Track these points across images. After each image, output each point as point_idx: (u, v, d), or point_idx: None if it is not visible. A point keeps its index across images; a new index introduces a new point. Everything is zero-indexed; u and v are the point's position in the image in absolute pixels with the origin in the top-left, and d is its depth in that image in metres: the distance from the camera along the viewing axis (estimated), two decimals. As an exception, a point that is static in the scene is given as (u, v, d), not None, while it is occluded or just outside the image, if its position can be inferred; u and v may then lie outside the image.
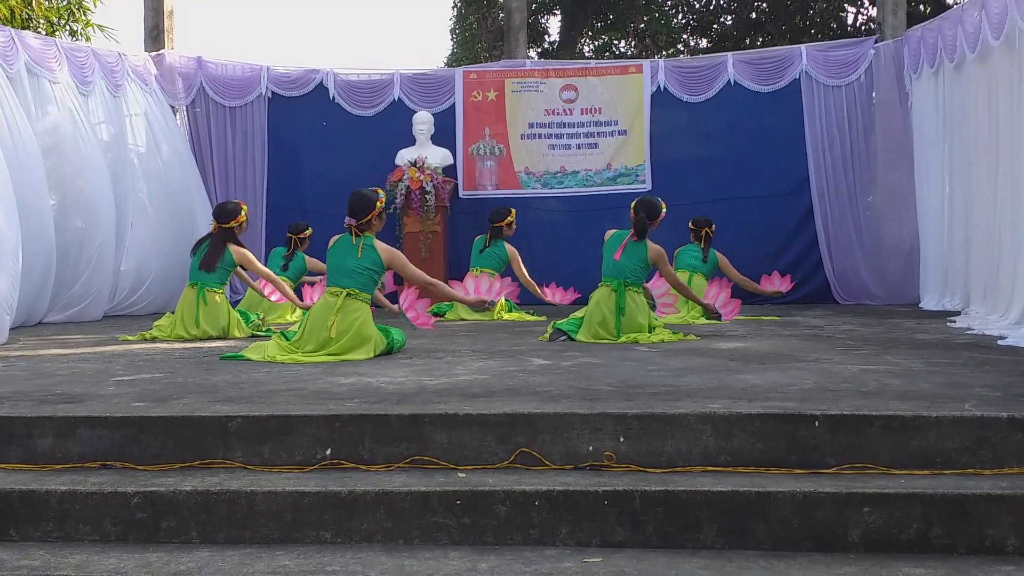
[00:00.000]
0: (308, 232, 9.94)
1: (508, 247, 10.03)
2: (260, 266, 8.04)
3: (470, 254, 10.28)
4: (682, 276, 9.18)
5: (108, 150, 10.39)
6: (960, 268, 9.52)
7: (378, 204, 6.25)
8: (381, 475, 3.73)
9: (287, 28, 47.52)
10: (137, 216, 10.54)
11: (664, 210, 7.51)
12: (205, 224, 11.01)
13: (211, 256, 7.68)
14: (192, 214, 10.92)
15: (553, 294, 10.19)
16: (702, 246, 9.61)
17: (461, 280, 9.96)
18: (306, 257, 9.83)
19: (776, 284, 10.04)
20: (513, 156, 12.00)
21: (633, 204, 7.43)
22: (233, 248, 7.74)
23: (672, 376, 4.93)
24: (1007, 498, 3.38)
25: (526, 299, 10.61)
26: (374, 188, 6.47)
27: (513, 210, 10.33)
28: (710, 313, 7.91)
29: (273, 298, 8.90)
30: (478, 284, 6.57)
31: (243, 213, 7.89)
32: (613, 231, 7.39)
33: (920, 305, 10.44)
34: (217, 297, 7.67)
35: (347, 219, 6.21)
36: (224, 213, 7.87)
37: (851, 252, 11.36)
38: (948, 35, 9.70)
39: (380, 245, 6.24)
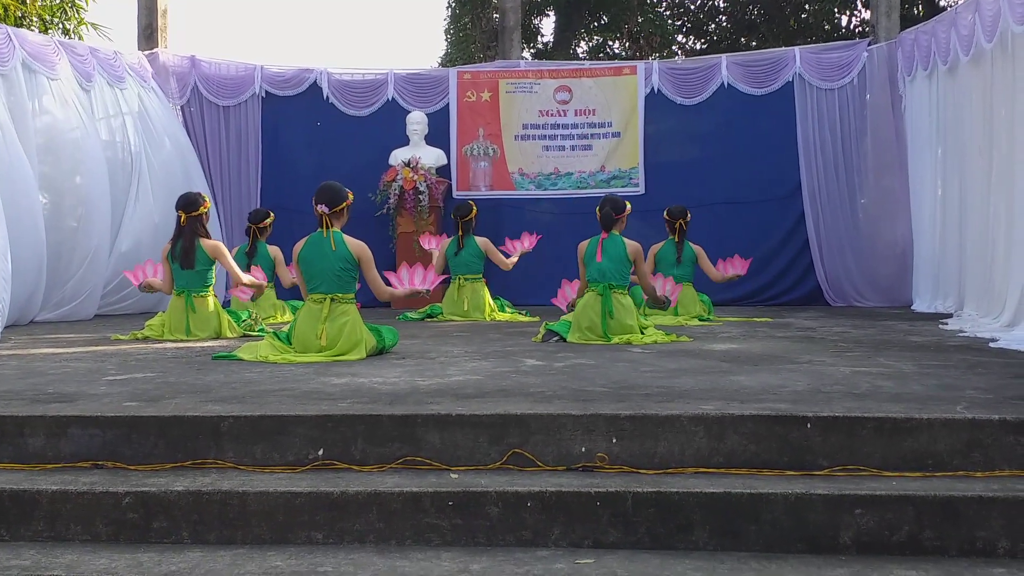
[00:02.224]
0: (270, 220, 9.53)
1: (479, 240, 9.80)
2: (231, 262, 7.88)
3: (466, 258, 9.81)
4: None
5: (108, 148, 10.37)
6: (953, 271, 9.54)
7: (349, 196, 6.27)
8: (373, 475, 3.73)
9: (280, 27, 47.52)
10: (137, 212, 10.51)
11: (629, 207, 7.54)
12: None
13: (186, 252, 7.57)
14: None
15: (519, 244, 9.88)
16: (675, 239, 9.31)
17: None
18: (269, 247, 9.43)
19: (736, 267, 9.61)
20: (507, 157, 12.01)
21: (599, 204, 7.45)
22: (204, 242, 7.63)
23: (665, 377, 4.93)
24: (998, 500, 3.39)
25: (520, 299, 10.62)
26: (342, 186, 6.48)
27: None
28: (656, 303, 7.90)
29: (244, 297, 8.70)
30: (412, 274, 6.47)
31: (207, 201, 7.81)
32: (585, 242, 7.36)
33: (912, 307, 10.47)
34: (206, 301, 7.61)
35: (320, 207, 6.15)
36: (191, 203, 7.69)
37: (843, 254, 11.40)
38: (941, 38, 9.72)
39: (350, 240, 6.20)
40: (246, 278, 8.08)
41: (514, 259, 9.81)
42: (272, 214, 9.67)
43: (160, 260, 7.88)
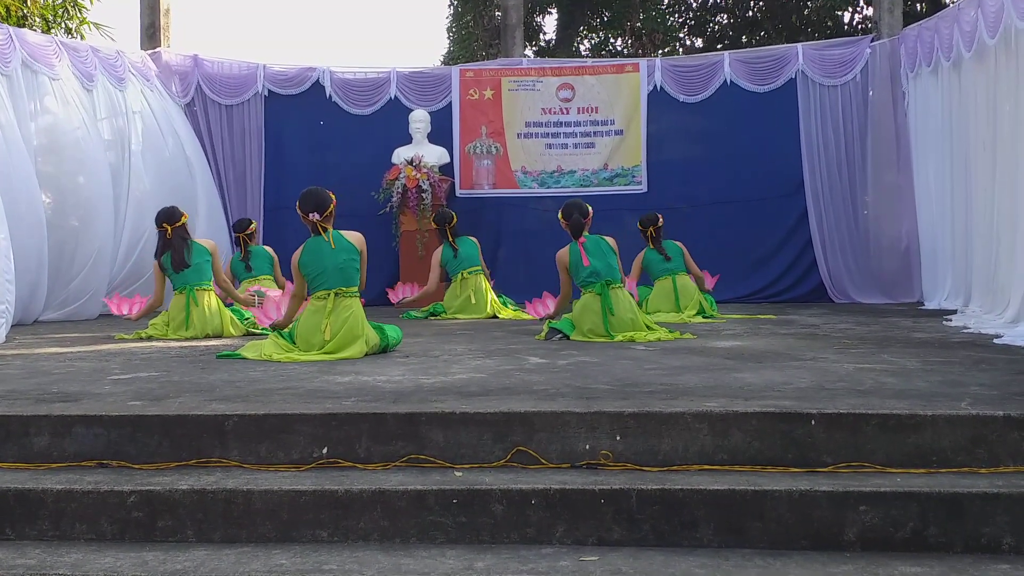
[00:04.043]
0: (253, 227, 9.69)
1: (471, 239, 9.87)
2: (220, 268, 7.99)
3: (465, 253, 9.83)
4: (666, 283, 9.17)
5: (110, 147, 10.38)
6: (960, 267, 9.53)
7: (333, 198, 6.30)
8: (378, 474, 3.73)
9: (283, 26, 47.54)
10: (139, 211, 10.52)
11: (591, 210, 7.47)
12: (208, 220, 10.97)
13: (178, 253, 7.62)
14: (195, 208, 10.77)
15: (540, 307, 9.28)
16: (651, 246, 9.30)
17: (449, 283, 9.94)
18: (265, 248, 9.67)
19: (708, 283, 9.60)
20: (510, 155, 12.00)
21: (560, 212, 7.39)
22: (199, 240, 7.76)
23: (669, 375, 4.93)
24: (1003, 496, 3.39)
25: (522, 298, 10.61)
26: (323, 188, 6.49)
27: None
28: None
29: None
30: (403, 290, 6.58)
31: (185, 214, 7.89)
32: (564, 251, 7.27)
33: (918, 303, 10.46)
34: (207, 296, 7.64)
35: (312, 215, 6.17)
36: (172, 215, 7.78)
37: (846, 251, 11.39)
38: (944, 34, 9.71)
39: (347, 233, 6.26)
40: (240, 295, 8.27)
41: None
42: (255, 221, 9.90)
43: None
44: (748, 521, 3.43)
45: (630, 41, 19.18)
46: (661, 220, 9.40)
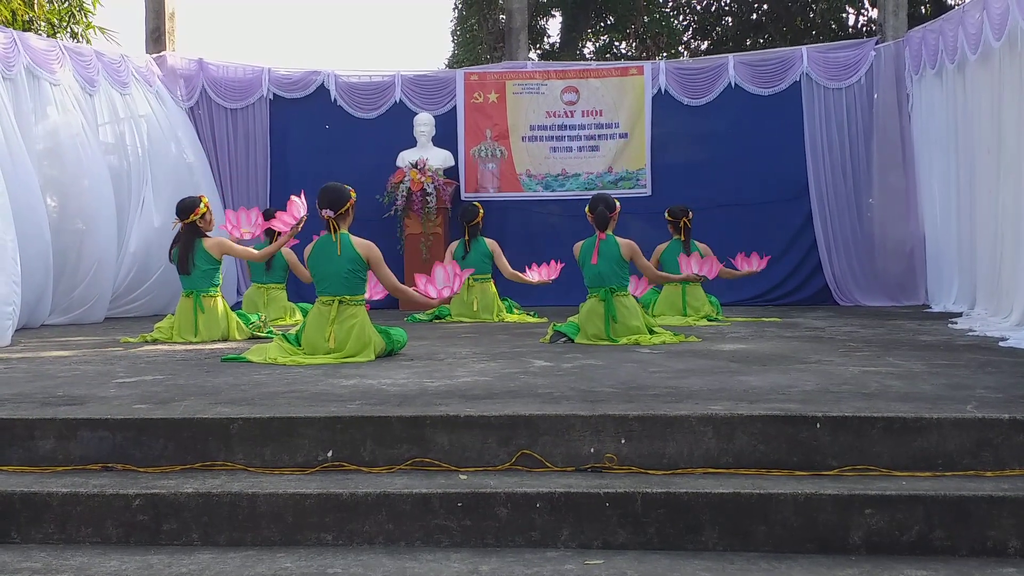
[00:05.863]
0: None
1: (488, 242, 9.82)
2: (239, 249, 7.97)
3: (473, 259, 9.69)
4: (675, 289, 9.14)
5: (111, 152, 10.41)
6: (965, 270, 9.52)
7: (352, 195, 6.23)
8: (382, 477, 3.73)
9: (288, 30, 47.61)
10: (142, 216, 10.54)
11: (619, 205, 7.41)
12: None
13: (183, 258, 7.62)
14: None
15: (539, 272, 9.25)
16: (681, 238, 9.28)
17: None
18: (284, 252, 9.42)
19: (753, 265, 9.34)
20: (515, 158, 12.01)
21: (589, 204, 7.33)
22: (205, 242, 7.67)
23: (673, 378, 4.92)
24: (1009, 500, 3.38)
25: (527, 300, 10.61)
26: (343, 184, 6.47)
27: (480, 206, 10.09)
28: (693, 279, 8.23)
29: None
30: (432, 278, 6.25)
31: (202, 204, 7.78)
32: (580, 243, 7.31)
33: (923, 306, 10.44)
34: (214, 302, 7.64)
35: (325, 211, 6.13)
36: (184, 209, 7.72)
37: (851, 254, 11.38)
38: (949, 36, 9.70)
39: (357, 241, 6.16)
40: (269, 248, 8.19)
41: (527, 277, 9.26)
42: None
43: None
44: (753, 525, 3.42)
45: (634, 44, 19.19)
46: (692, 214, 9.37)
